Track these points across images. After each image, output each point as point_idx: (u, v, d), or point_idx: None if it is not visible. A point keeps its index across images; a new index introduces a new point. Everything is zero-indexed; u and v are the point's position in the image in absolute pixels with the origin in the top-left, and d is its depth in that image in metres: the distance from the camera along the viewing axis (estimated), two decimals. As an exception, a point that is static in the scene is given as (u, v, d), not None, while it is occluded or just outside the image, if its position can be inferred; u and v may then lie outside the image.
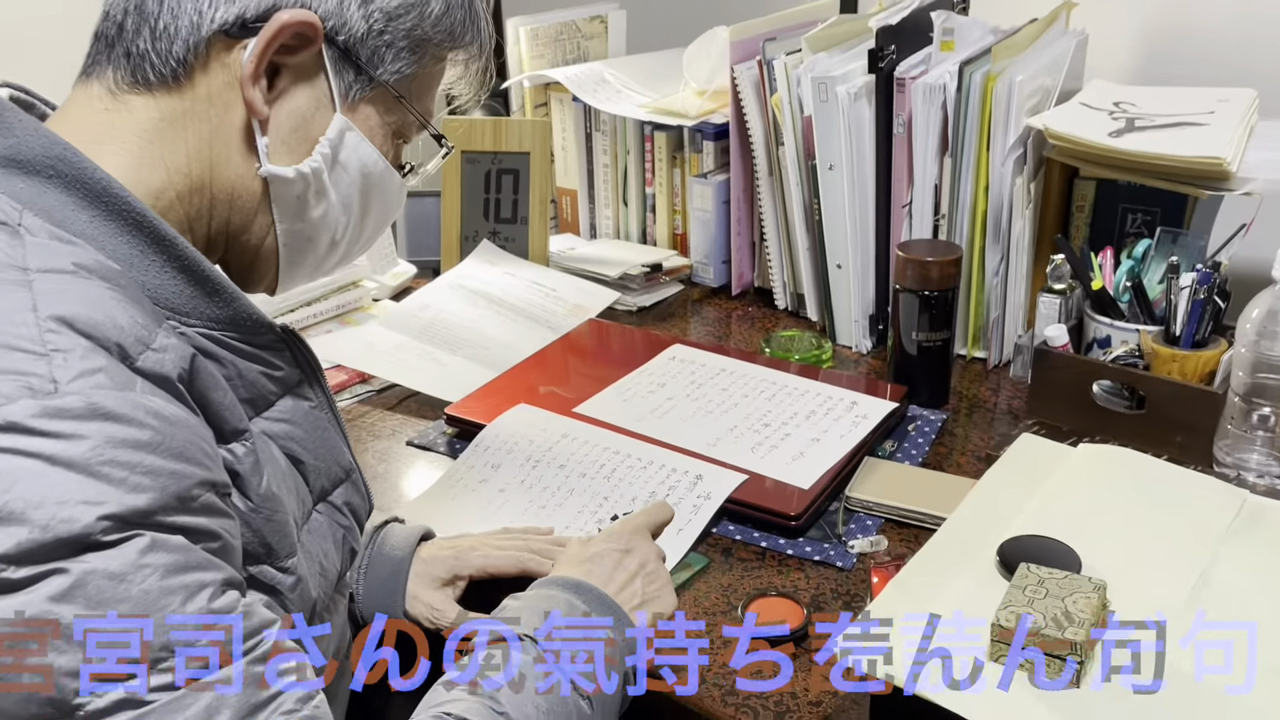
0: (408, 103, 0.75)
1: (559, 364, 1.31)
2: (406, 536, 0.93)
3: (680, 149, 1.59)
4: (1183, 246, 1.20)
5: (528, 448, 1.11)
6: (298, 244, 0.75)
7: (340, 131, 0.72)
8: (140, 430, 0.56)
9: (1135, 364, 1.13)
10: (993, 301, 1.32)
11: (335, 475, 0.78)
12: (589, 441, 1.11)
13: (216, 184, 0.70)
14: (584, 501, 1.03)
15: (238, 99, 0.69)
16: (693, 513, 1.00)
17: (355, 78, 0.72)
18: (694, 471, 1.05)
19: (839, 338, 1.41)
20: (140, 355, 0.59)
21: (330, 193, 0.74)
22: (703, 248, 1.57)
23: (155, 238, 0.65)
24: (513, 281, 1.49)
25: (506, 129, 1.55)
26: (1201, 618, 0.76)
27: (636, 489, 1.04)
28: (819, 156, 1.33)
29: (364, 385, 1.31)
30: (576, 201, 1.73)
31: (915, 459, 1.13)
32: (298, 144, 0.71)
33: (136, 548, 0.54)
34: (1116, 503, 0.89)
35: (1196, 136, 1.19)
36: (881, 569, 0.91)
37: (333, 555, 0.78)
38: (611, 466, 1.07)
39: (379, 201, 0.78)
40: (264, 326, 0.71)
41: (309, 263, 0.77)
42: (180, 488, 0.57)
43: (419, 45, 0.74)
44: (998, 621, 0.72)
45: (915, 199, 1.32)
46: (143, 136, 0.68)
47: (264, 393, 0.72)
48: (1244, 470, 1.07)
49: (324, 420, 0.77)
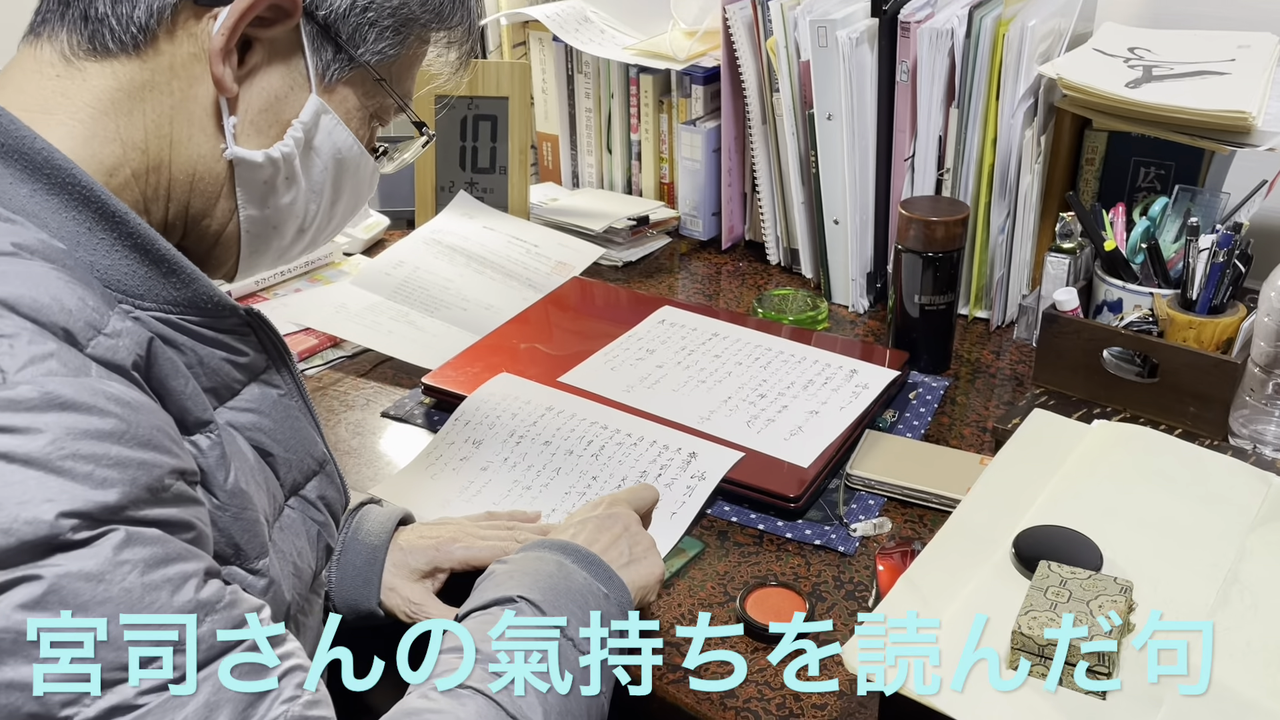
0: (389, 86, 0.70)
1: (542, 327, 1.24)
2: (383, 522, 0.87)
3: (667, 93, 1.50)
4: (1201, 205, 1.14)
5: (511, 422, 1.05)
6: (262, 231, 0.69)
7: (315, 114, 0.67)
8: (102, 419, 0.52)
9: (1149, 330, 1.08)
10: (997, 260, 1.26)
11: (308, 467, 0.74)
12: (575, 415, 1.05)
13: (176, 164, 0.64)
14: (571, 481, 0.98)
15: (205, 73, 0.63)
16: (686, 494, 0.95)
17: (334, 57, 0.67)
18: (687, 449, 0.99)
19: (835, 296, 1.35)
20: (91, 341, 0.55)
21: (300, 179, 0.69)
22: (691, 199, 1.50)
23: (104, 214, 0.59)
24: (492, 236, 1.41)
25: (483, 71, 1.46)
26: (1228, 621, 0.71)
27: (626, 468, 0.98)
28: (817, 105, 1.25)
29: (335, 350, 1.24)
30: (558, 148, 1.64)
31: (918, 430, 1.08)
32: (268, 125, 0.66)
33: (111, 544, 0.51)
34: (1136, 489, 0.84)
35: (1218, 87, 1.12)
36: (886, 556, 0.86)
37: (307, 553, 0.73)
38: (600, 443, 1.01)
39: (351, 187, 0.73)
40: (227, 309, 0.65)
41: (272, 250, 0.72)
42: (150, 478, 0.53)
43: (404, 25, 0.68)
44: (1019, 629, 0.68)
45: (918, 152, 1.25)
46: (97, 107, 0.62)
47: (228, 381, 0.67)
48: (1260, 443, 1.02)
49: (294, 409, 0.72)
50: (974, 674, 0.67)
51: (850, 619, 0.84)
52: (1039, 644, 0.67)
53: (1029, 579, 0.75)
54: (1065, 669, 0.66)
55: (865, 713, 0.75)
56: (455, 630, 0.67)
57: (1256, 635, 0.70)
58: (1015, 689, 0.67)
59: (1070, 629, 0.65)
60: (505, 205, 1.48)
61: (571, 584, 0.72)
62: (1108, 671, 0.66)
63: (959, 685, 0.67)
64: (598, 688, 0.67)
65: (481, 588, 0.73)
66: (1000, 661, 0.68)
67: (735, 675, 0.74)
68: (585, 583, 0.72)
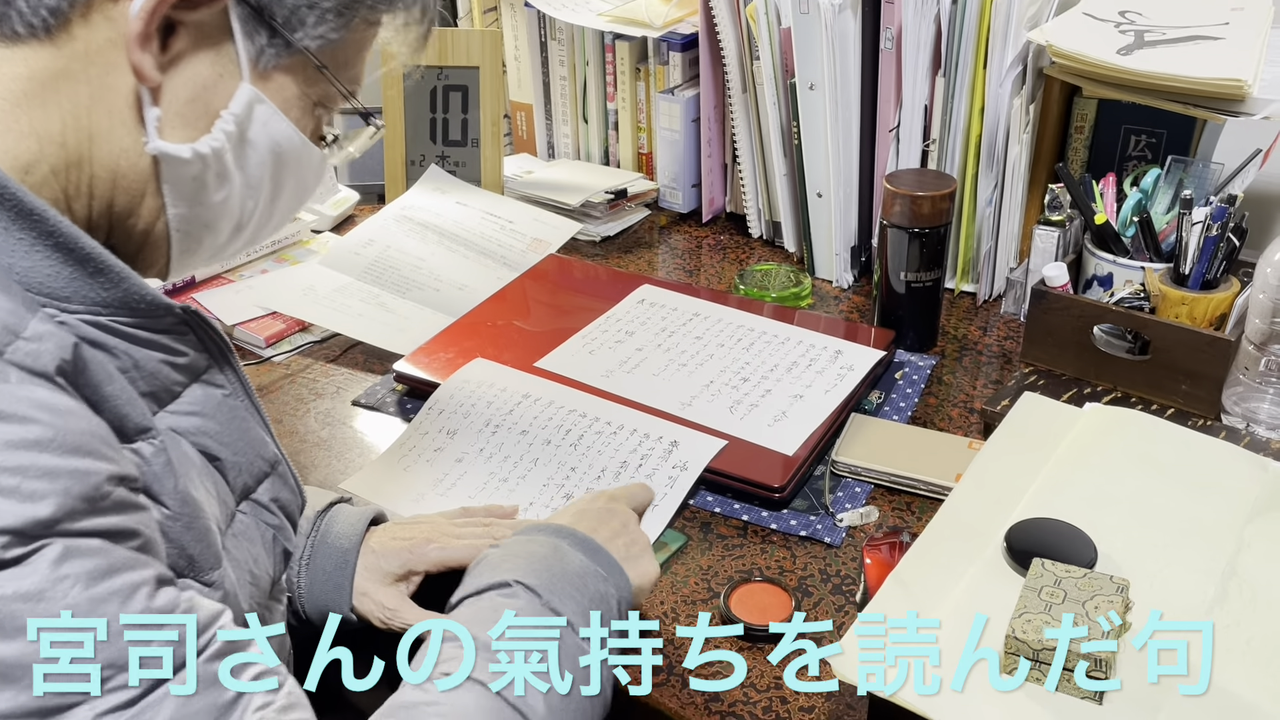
0: (331, 74, 0.64)
1: (518, 308, 1.21)
2: (354, 523, 0.84)
3: (644, 61, 1.45)
4: (1193, 175, 1.11)
5: (486, 410, 1.01)
6: (193, 230, 0.64)
7: (248, 104, 0.61)
8: (26, 427, 0.49)
9: (1140, 306, 1.05)
10: (985, 232, 1.22)
11: (258, 469, 0.70)
12: (553, 403, 1.02)
13: (97, 159, 0.59)
14: (550, 473, 0.95)
15: (123, 60, 0.57)
16: (669, 485, 0.92)
17: (269, 42, 0.61)
18: (669, 437, 0.96)
19: (818, 270, 1.31)
20: (9, 346, 0.51)
21: (234, 175, 0.63)
22: (670, 170, 1.46)
23: (21, 212, 0.54)
24: (465, 212, 1.37)
25: (453, 40, 1.41)
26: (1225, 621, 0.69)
27: (606, 459, 0.95)
28: (798, 74, 1.21)
29: (304, 334, 1.20)
30: (532, 117, 1.59)
31: (904, 413, 1.05)
32: (196, 117, 0.60)
33: (47, 560, 0.48)
34: (1130, 478, 0.82)
35: (1212, 53, 1.08)
36: (874, 548, 0.84)
37: (264, 560, 0.70)
38: (579, 432, 0.98)
39: (294, 180, 0.68)
40: (161, 308, 0.61)
41: (206, 250, 0.67)
42: (85, 487, 0.50)
43: (348, 7, 0.62)
44: (1013, 633, 0.65)
45: (903, 122, 1.21)
46: (8, 99, 0.56)
47: (167, 383, 0.63)
48: (1254, 421, 1.00)
49: (240, 408, 0.68)
50: (973, 676, 0.65)
51: (838, 614, 0.82)
52: (1034, 648, 0.64)
53: (1022, 575, 0.72)
54: (1064, 673, 0.64)
55: (854, 715, 0.73)
56: (452, 627, 0.64)
57: (1257, 633, 0.68)
58: (1013, 690, 0.65)
59: (1070, 629, 0.63)
60: (478, 179, 1.43)
61: (568, 567, 0.69)
62: (1105, 673, 0.64)
63: (959, 686, 0.65)
64: (598, 687, 0.65)
65: (474, 572, 0.70)
66: (998, 665, 0.66)
67: (731, 678, 0.72)
68: (583, 566, 0.70)
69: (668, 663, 0.77)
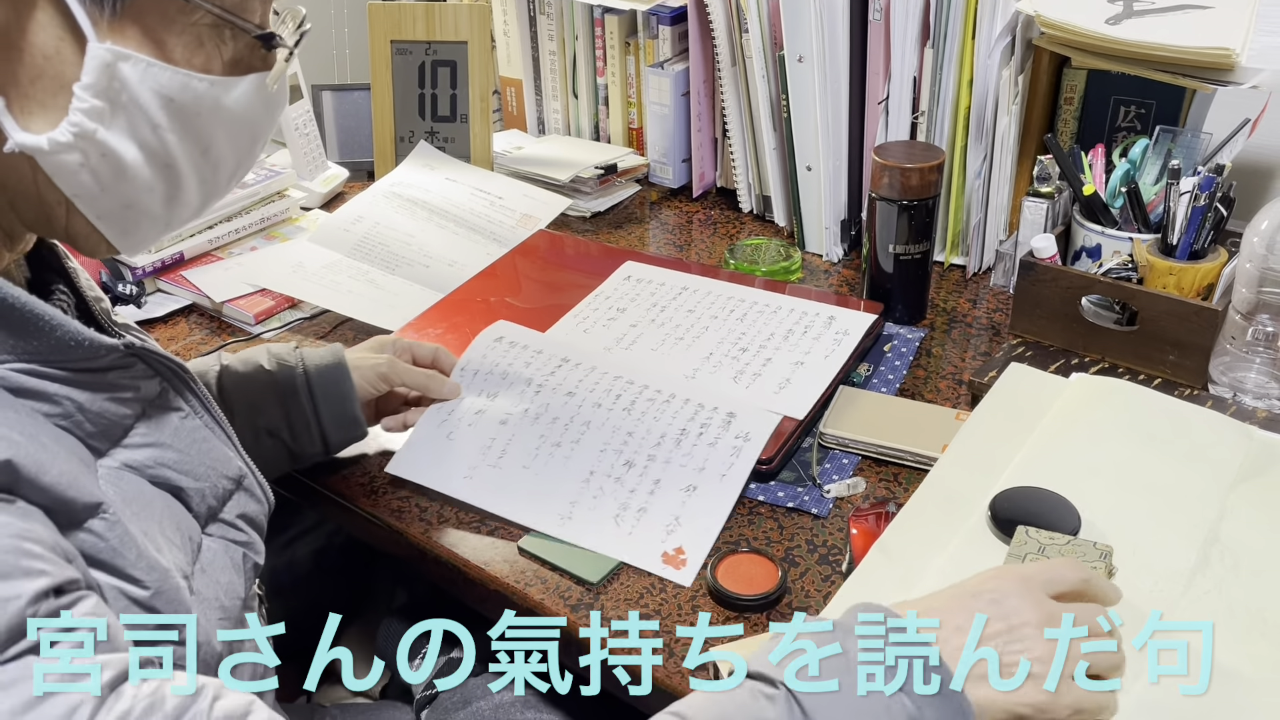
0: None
1: (509, 284, 1.21)
2: (331, 349, 0.91)
3: (634, 34, 1.45)
4: (1182, 145, 1.11)
5: (525, 370, 0.99)
6: (115, 214, 0.58)
7: (105, 67, 0.52)
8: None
9: (1128, 277, 1.05)
10: (974, 205, 1.22)
11: (223, 490, 0.67)
12: (596, 368, 0.99)
13: None
14: (605, 437, 0.92)
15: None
16: (734, 456, 0.90)
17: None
18: (724, 409, 0.94)
19: (808, 245, 1.31)
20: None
21: (125, 149, 0.55)
22: (660, 145, 1.45)
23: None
24: (454, 188, 1.37)
25: (440, 15, 1.40)
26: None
27: (664, 425, 0.93)
28: (787, 47, 1.20)
29: (293, 311, 1.20)
30: (522, 92, 1.59)
31: (893, 385, 1.05)
32: (50, 96, 0.52)
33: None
34: (1115, 446, 0.82)
35: (1201, 22, 1.08)
36: (860, 519, 0.84)
37: (235, 584, 0.67)
38: (629, 398, 0.96)
39: (222, 124, 0.58)
40: (102, 349, 0.57)
41: (148, 227, 0.61)
42: (6, 617, 0.46)
43: None
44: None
45: (892, 94, 1.20)
46: None
47: (116, 420, 0.59)
48: (1240, 391, 1.00)
49: (200, 428, 0.66)
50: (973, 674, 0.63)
51: (824, 584, 0.82)
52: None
53: (1006, 544, 0.73)
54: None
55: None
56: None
57: (1239, 598, 0.69)
58: (1015, 689, 0.62)
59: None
60: (467, 155, 1.43)
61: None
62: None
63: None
64: None
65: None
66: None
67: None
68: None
69: (666, 647, 0.77)
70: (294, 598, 1.07)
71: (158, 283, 1.23)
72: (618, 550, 0.83)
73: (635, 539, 0.84)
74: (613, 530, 0.85)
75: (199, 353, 1.13)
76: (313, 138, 1.43)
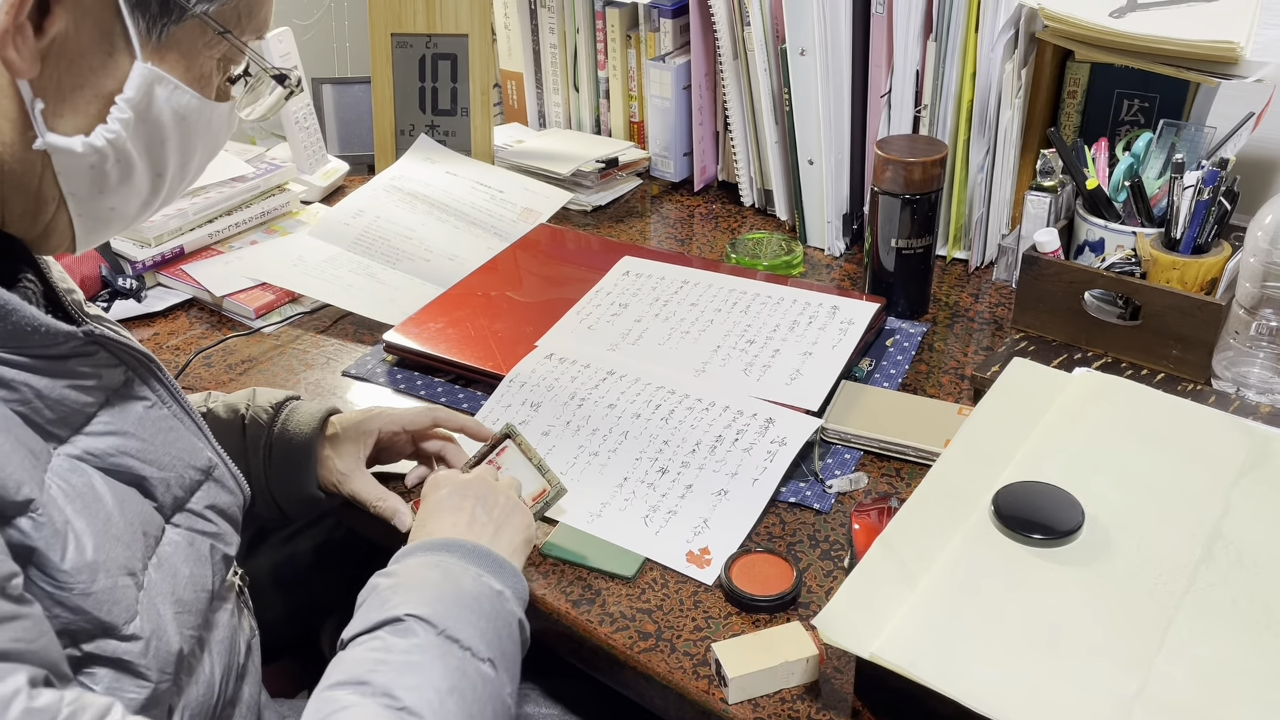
0: (235, 37, 0.60)
1: (510, 278, 1.20)
2: (313, 412, 0.87)
3: (635, 27, 1.44)
4: (1186, 139, 1.10)
5: (570, 385, 1.00)
6: (97, 214, 0.61)
7: (146, 85, 0.57)
8: None
9: (1131, 271, 1.05)
10: (976, 199, 1.22)
11: (190, 480, 0.67)
12: (639, 379, 1.00)
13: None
14: (641, 446, 0.93)
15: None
16: (768, 459, 0.90)
17: (160, 10, 0.56)
18: (763, 415, 0.95)
19: (810, 239, 1.31)
20: None
21: (138, 160, 0.60)
22: (662, 138, 1.45)
23: None
24: (455, 182, 1.36)
25: (441, 7, 1.39)
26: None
27: (700, 432, 0.94)
28: (789, 40, 1.20)
29: (294, 305, 1.20)
30: (523, 86, 1.58)
31: (895, 380, 1.05)
32: (86, 104, 0.56)
33: None
34: (1118, 443, 0.82)
35: (1205, 16, 1.07)
36: (863, 514, 0.84)
37: (200, 575, 0.66)
38: (669, 407, 0.97)
39: (204, 141, 0.64)
40: (60, 335, 0.57)
41: (115, 227, 0.64)
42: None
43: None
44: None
45: (895, 87, 1.20)
46: None
47: (77, 407, 0.59)
48: (1244, 385, 1.00)
49: (167, 417, 0.66)
50: (956, 638, 0.65)
51: (826, 580, 0.82)
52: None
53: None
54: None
55: (840, 678, 0.74)
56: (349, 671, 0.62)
57: (1242, 592, 0.68)
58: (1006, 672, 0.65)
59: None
60: (468, 148, 1.43)
61: (461, 589, 0.67)
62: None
63: (942, 648, 0.65)
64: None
65: (365, 605, 0.67)
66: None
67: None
68: (476, 585, 0.67)
69: (656, 628, 0.77)
70: (295, 592, 1.07)
71: (158, 277, 1.22)
72: (643, 547, 0.84)
73: (661, 538, 0.85)
74: (640, 529, 0.85)
75: (199, 347, 1.13)
76: (313, 131, 1.42)
